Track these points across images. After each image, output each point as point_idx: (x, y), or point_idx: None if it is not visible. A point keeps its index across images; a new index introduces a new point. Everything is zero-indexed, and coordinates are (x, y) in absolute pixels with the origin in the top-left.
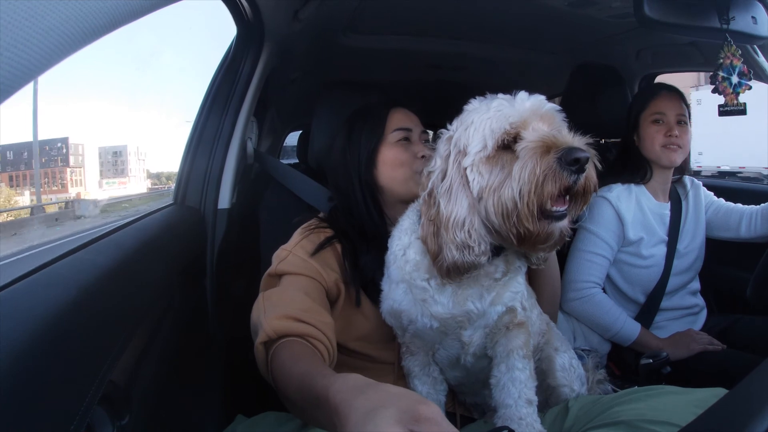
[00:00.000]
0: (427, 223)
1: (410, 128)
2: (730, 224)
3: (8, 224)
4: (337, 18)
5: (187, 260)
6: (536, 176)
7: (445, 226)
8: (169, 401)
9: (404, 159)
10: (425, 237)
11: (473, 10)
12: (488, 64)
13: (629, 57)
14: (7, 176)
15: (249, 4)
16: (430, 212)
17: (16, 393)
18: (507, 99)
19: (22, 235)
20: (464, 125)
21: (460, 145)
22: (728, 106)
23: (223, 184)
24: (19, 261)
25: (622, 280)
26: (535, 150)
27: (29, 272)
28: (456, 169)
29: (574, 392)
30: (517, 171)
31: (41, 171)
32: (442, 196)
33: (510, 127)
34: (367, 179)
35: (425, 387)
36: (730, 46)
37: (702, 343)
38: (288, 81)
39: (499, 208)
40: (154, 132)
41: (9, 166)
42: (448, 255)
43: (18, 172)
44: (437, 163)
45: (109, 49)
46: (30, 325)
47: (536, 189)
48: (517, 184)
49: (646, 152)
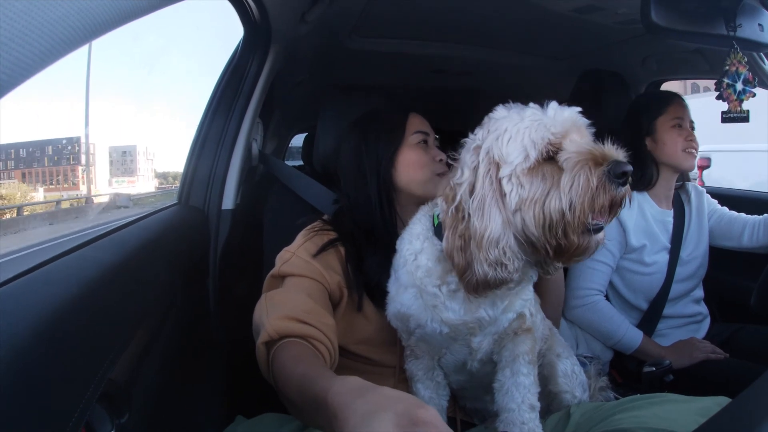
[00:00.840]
0: (452, 236)
1: (428, 132)
2: (733, 233)
3: (72, 210)
4: (343, 21)
5: (190, 260)
6: (590, 188)
7: (477, 243)
8: (170, 401)
9: (425, 161)
10: (451, 251)
11: (479, 15)
12: (493, 69)
13: (635, 64)
14: (20, 173)
15: (256, 5)
16: (457, 226)
17: (16, 388)
18: (539, 109)
19: (87, 218)
20: (494, 134)
21: (493, 156)
22: (731, 113)
23: (227, 185)
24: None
25: (625, 288)
26: (584, 162)
27: (32, 268)
28: (488, 182)
29: (576, 399)
30: (566, 182)
31: (53, 169)
32: (474, 211)
33: (553, 138)
34: (386, 180)
35: (428, 391)
36: (736, 53)
37: (705, 351)
38: (294, 83)
39: (541, 220)
40: (161, 132)
41: (22, 164)
42: (479, 271)
43: (31, 169)
44: (464, 175)
45: (115, 48)
46: (31, 321)
47: (589, 201)
48: (566, 195)
49: (666, 157)
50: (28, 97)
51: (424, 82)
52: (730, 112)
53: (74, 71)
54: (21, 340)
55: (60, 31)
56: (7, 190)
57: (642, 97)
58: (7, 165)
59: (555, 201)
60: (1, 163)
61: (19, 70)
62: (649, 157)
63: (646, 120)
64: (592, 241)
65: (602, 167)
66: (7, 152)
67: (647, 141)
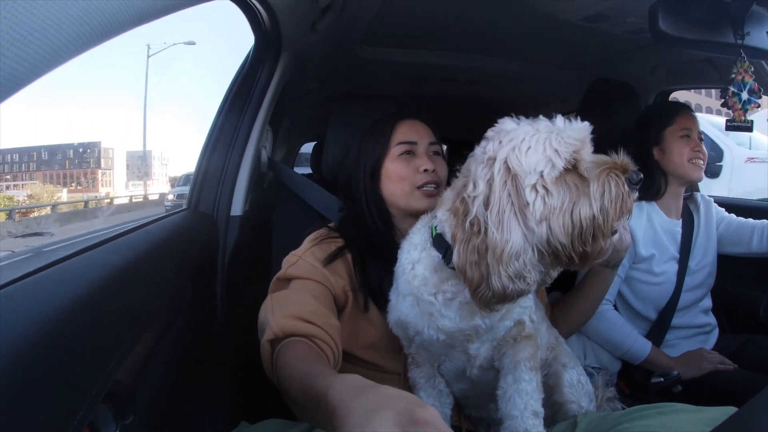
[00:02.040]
0: (465, 251)
1: (414, 141)
2: (742, 239)
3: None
4: (353, 30)
5: (199, 265)
6: (622, 194)
7: (497, 257)
8: (174, 404)
9: (404, 174)
10: (463, 265)
11: (487, 24)
12: (502, 78)
13: (644, 73)
14: (41, 174)
15: (267, 14)
16: (470, 240)
17: (22, 386)
18: (547, 121)
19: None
20: (509, 145)
21: (511, 167)
22: (735, 122)
23: (236, 191)
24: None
25: (634, 297)
26: (610, 170)
27: (42, 267)
28: (506, 194)
29: (582, 409)
30: (596, 189)
31: (74, 172)
32: (493, 224)
33: (578, 146)
34: (372, 192)
35: (430, 399)
36: (743, 62)
37: (713, 362)
38: (304, 91)
39: (570, 227)
40: (173, 137)
41: (43, 165)
42: (497, 285)
43: (52, 171)
44: (479, 187)
45: (126, 54)
46: (39, 320)
47: (620, 206)
48: (597, 201)
49: (673, 167)
50: (55, 101)
51: (432, 91)
52: (734, 120)
53: (93, 75)
54: (28, 338)
55: (70, 31)
56: (38, 190)
57: (651, 108)
58: (29, 167)
59: (585, 208)
60: (24, 165)
61: (24, 71)
62: (657, 167)
63: (654, 130)
64: (611, 243)
65: (626, 174)
66: (29, 154)
67: (655, 151)
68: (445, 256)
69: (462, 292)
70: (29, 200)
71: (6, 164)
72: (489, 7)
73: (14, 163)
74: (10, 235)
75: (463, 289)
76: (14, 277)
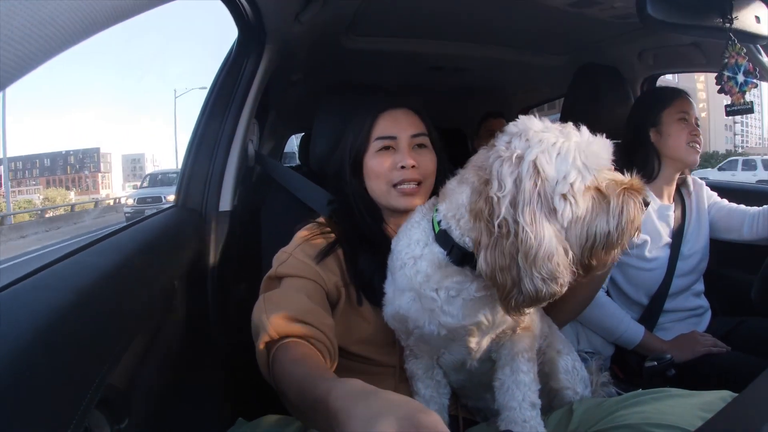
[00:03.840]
0: (493, 255)
1: (393, 136)
2: (733, 225)
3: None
4: (338, 20)
5: (188, 263)
6: (635, 216)
7: (531, 259)
8: (169, 405)
9: (380, 171)
10: (493, 271)
11: (474, 11)
12: (490, 65)
13: (631, 58)
14: (44, 180)
15: (250, 6)
16: (499, 243)
17: (14, 394)
18: (573, 128)
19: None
20: (539, 147)
21: (542, 169)
22: (735, 105)
23: (224, 186)
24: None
25: (626, 283)
26: (629, 191)
27: (29, 273)
28: (537, 195)
29: (578, 395)
30: (616, 207)
31: (76, 176)
32: (526, 225)
33: (606, 164)
34: (356, 187)
35: (428, 390)
36: (734, 45)
37: (706, 345)
38: (289, 83)
39: (584, 239)
40: (161, 137)
41: (46, 171)
42: (530, 288)
43: (54, 177)
44: (507, 187)
45: (109, 53)
46: (28, 327)
47: (636, 226)
48: (615, 218)
49: (669, 149)
50: (57, 110)
51: (420, 80)
52: (733, 104)
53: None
54: (18, 345)
55: (49, 30)
56: (52, 193)
57: (649, 91)
58: (32, 173)
59: (602, 223)
60: (27, 171)
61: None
62: (652, 149)
63: (652, 112)
64: (613, 258)
65: (641, 196)
66: (32, 161)
67: (651, 132)
68: (450, 254)
69: (466, 290)
70: (45, 203)
71: (10, 171)
72: None
73: (18, 170)
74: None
75: (467, 287)
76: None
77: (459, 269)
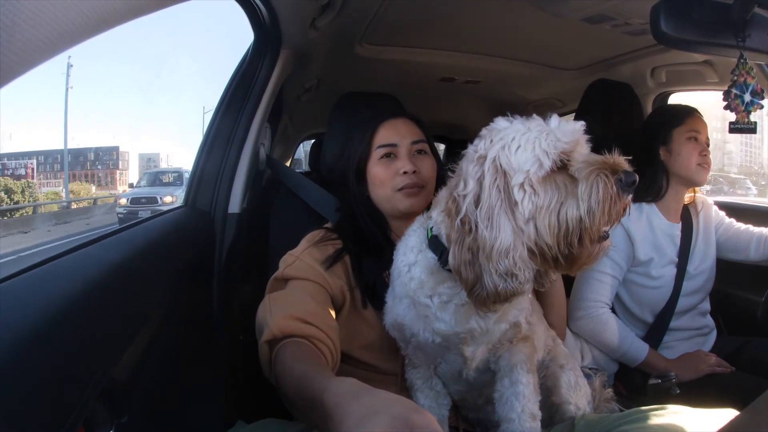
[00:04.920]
0: (459, 251)
1: (394, 143)
2: (740, 246)
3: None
4: (353, 28)
5: (195, 262)
6: (610, 195)
7: (487, 254)
8: (170, 402)
9: (384, 178)
10: (458, 266)
11: (487, 25)
12: (502, 78)
13: (643, 75)
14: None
15: (267, 10)
16: (464, 240)
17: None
18: (541, 120)
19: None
20: (500, 143)
21: (500, 165)
22: (738, 124)
23: (234, 188)
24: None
25: (631, 300)
26: (600, 170)
27: (38, 263)
28: (495, 191)
29: (580, 410)
30: (584, 190)
31: (95, 172)
32: (482, 221)
33: (567, 147)
34: (359, 194)
35: (427, 400)
36: (744, 64)
37: (711, 364)
38: (303, 89)
39: (556, 228)
40: (175, 136)
41: (68, 166)
42: (489, 284)
43: (75, 172)
44: (469, 186)
45: (127, 51)
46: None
47: (608, 209)
48: (584, 203)
49: (679, 168)
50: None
51: (432, 91)
52: (737, 122)
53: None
54: (23, 335)
55: (60, 25)
56: (76, 187)
57: (660, 109)
58: (53, 167)
59: (572, 209)
60: (48, 165)
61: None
62: (660, 168)
63: (662, 129)
64: (601, 248)
65: (617, 175)
66: (54, 156)
67: (661, 150)
68: (440, 258)
69: (457, 295)
70: (72, 195)
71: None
72: (489, 7)
73: (40, 164)
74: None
75: (459, 292)
76: (10, 273)
77: (450, 274)
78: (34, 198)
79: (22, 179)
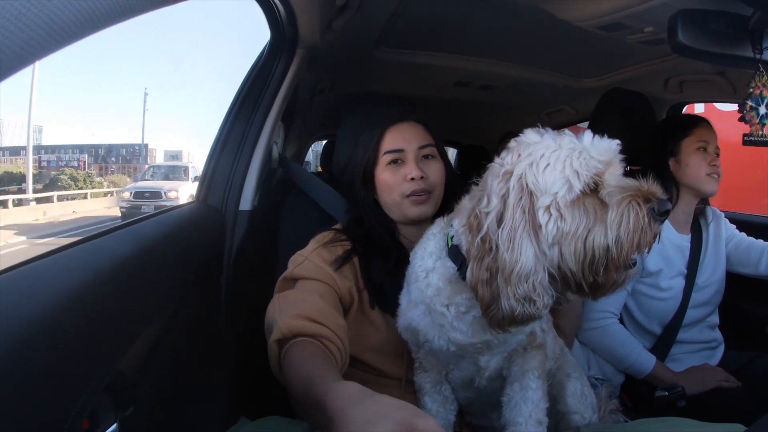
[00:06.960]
0: (477, 269)
1: (401, 149)
2: (750, 260)
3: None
4: (369, 30)
5: (205, 258)
6: (641, 226)
7: (506, 277)
8: (174, 397)
9: (392, 183)
10: (475, 284)
11: (503, 30)
12: (516, 84)
13: (658, 85)
14: (98, 167)
15: (285, 11)
16: (483, 258)
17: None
18: (573, 137)
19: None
20: (528, 160)
21: (526, 184)
22: (753, 136)
23: (246, 186)
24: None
25: (639, 312)
26: (632, 198)
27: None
28: (519, 213)
29: (585, 420)
30: (614, 218)
31: (125, 166)
32: (503, 243)
33: (601, 167)
34: (366, 198)
35: (435, 405)
36: (761, 76)
37: (718, 379)
38: (317, 90)
39: (582, 255)
40: (193, 133)
41: (100, 159)
42: (505, 306)
43: (106, 165)
44: (492, 203)
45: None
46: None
47: (637, 239)
48: (613, 231)
49: (688, 179)
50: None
51: (445, 95)
52: (751, 135)
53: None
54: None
55: (60, 20)
56: (118, 179)
57: (669, 119)
58: (97, 161)
59: (600, 237)
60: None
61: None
62: (670, 178)
63: (671, 140)
64: (627, 276)
65: (649, 204)
66: (88, 150)
67: (671, 162)
68: (460, 269)
69: (475, 307)
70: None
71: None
72: (505, 12)
73: (90, 157)
74: None
75: (477, 304)
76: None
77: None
78: (92, 186)
79: (79, 171)
